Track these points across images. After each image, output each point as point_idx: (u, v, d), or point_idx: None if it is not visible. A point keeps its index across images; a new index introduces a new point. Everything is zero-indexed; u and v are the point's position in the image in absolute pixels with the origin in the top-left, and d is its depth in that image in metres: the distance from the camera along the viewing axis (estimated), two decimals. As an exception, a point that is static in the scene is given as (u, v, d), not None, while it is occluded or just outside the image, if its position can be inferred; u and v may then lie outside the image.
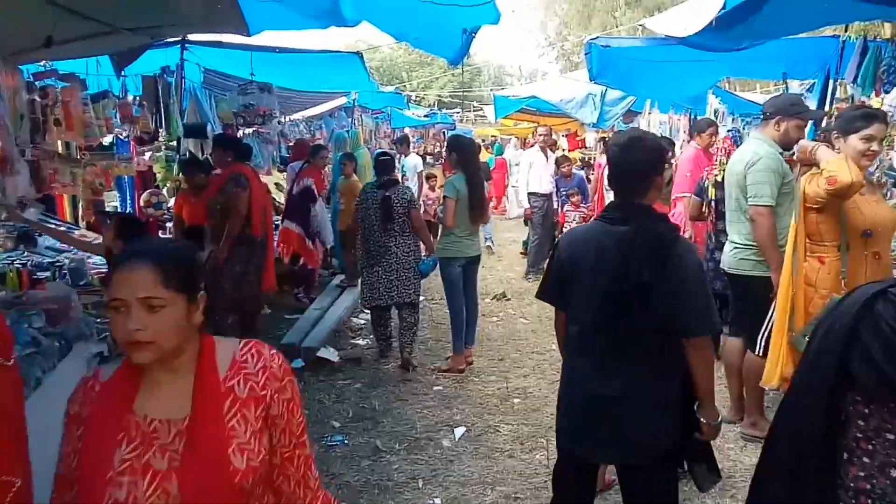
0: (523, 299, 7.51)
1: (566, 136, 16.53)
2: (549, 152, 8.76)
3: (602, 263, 2.18)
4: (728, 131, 8.33)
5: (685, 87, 8.84)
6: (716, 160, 5.08)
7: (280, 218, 7.14)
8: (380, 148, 13.78)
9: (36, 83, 4.59)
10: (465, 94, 32.33)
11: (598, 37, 6.26)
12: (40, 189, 4.65)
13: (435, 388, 4.97)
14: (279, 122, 9.17)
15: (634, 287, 2.08)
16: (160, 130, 6.41)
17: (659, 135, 10.78)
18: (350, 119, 11.56)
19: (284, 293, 7.32)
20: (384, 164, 5.42)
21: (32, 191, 4.20)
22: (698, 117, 10.78)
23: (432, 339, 6.13)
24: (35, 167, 4.46)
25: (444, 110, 26.27)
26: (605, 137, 9.37)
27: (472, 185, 5.01)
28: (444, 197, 5.16)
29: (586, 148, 15.66)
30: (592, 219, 2.71)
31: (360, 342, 6.06)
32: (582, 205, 8.61)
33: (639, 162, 2.21)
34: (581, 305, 2.28)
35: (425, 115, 19.20)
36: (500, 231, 11.82)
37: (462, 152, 5.16)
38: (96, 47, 4.96)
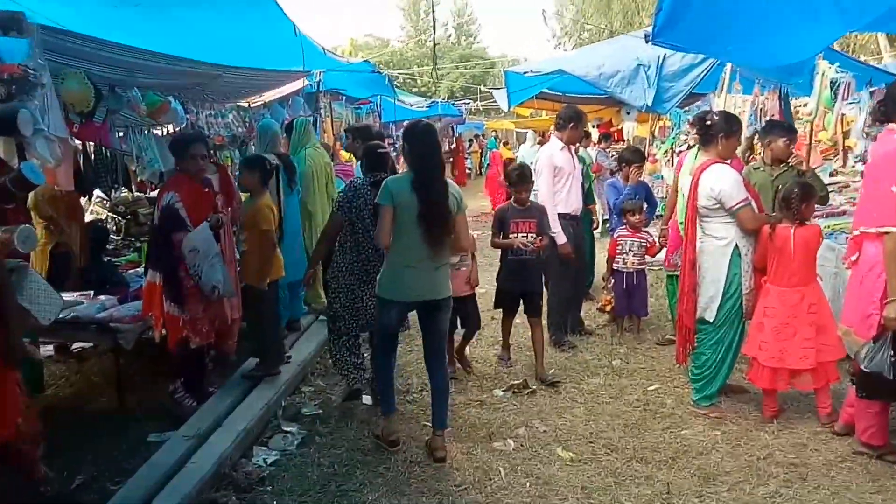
0: (559, 393, 4.50)
1: (596, 126, 13.39)
2: (572, 152, 5.49)
3: None
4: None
5: (795, 44, 5.79)
6: None
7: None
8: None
9: None
10: (478, 83, 29.39)
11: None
12: None
13: None
14: (189, 113, 6.25)
15: None
16: None
17: (754, 122, 7.73)
18: (315, 108, 8.63)
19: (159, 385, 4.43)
20: (379, 158, 4.19)
21: None
22: (792, 96, 7.83)
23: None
24: None
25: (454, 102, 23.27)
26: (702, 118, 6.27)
27: (423, 189, 3.43)
28: (376, 204, 3.59)
29: (623, 142, 12.56)
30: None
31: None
32: (644, 230, 5.61)
33: None
34: None
35: (426, 106, 16.17)
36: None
37: (413, 143, 3.57)
38: None
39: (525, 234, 4.58)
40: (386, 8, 75.90)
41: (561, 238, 5.15)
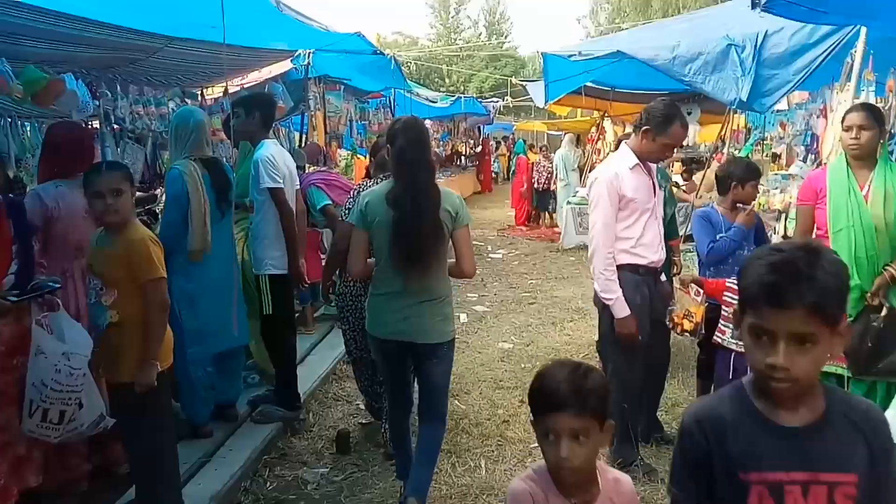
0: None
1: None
2: (653, 173, 3.45)
3: None
4: None
5: None
6: None
7: None
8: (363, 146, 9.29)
9: None
10: (508, 82, 27.44)
11: None
12: None
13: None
14: (101, 97, 4.44)
15: None
16: None
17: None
18: (302, 99, 6.82)
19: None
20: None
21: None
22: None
23: None
24: None
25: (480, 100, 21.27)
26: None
27: (401, 200, 2.73)
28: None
29: (686, 148, 10.46)
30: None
31: None
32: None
33: None
34: None
35: (449, 103, 14.22)
36: (547, 280, 6.80)
37: (393, 143, 2.83)
38: None
39: None
40: (415, 6, 74.90)
41: (621, 310, 3.23)
